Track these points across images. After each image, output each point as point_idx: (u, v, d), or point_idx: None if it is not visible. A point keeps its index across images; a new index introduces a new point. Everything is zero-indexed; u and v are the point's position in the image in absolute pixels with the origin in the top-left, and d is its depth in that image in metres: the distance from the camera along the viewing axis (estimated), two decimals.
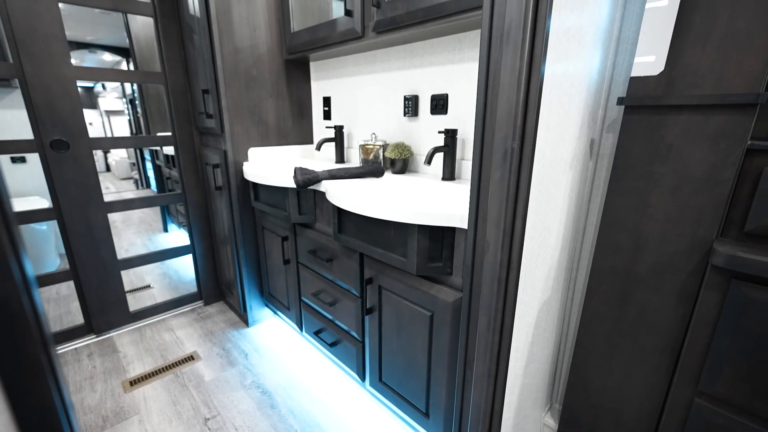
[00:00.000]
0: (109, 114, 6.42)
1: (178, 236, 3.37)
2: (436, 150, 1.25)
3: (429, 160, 1.23)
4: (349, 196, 1.08)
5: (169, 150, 2.88)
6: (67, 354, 1.78)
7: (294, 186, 1.35)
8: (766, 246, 0.76)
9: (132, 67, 3.27)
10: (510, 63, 0.70)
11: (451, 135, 1.29)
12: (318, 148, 1.73)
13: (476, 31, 1.22)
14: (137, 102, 3.62)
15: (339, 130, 1.77)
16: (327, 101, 1.91)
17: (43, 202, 2.67)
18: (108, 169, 6.59)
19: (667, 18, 0.80)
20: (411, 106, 1.48)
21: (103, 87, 6.19)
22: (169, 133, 1.92)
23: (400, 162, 1.49)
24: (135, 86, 3.51)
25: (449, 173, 1.33)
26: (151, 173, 4.02)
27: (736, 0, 0.72)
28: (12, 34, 1.45)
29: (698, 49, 0.77)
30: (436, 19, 1.10)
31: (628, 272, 0.95)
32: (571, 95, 0.86)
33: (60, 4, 1.52)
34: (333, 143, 1.94)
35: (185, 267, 2.69)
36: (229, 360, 1.73)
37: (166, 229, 3.57)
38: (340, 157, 1.81)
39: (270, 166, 1.71)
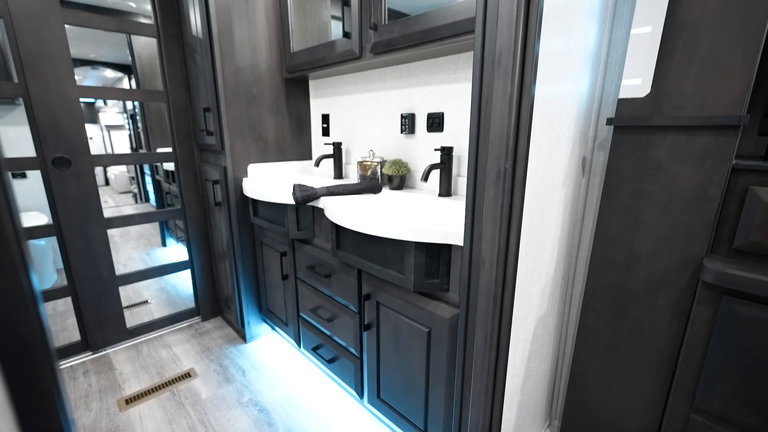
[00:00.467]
0: (109, 129, 6.49)
1: (177, 251, 3.37)
2: (432, 167, 1.27)
3: (426, 177, 1.26)
4: (347, 213, 1.10)
5: (169, 165, 2.91)
6: (63, 372, 1.76)
7: (293, 202, 1.36)
8: (754, 262, 0.78)
9: (134, 84, 3.33)
10: (501, 87, 0.73)
11: (447, 152, 1.32)
12: (317, 164, 1.75)
13: (471, 52, 1.26)
14: (138, 117, 3.67)
15: (337, 146, 1.80)
16: (326, 118, 1.95)
17: (42, 218, 2.68)
18: (107, 182, 6.61)
19: (652, 43, 0.84)
20: (408, 123, 1.51)
21: (104, 102, 6.27)
22: (170, 149, 1.95)
23: (398, 178, 1.51)
24: (136, 102, 3.56)
25: (445, 189, 1.36)
26: (150, 187, 4.04)
27: (716, 26, 0.76)
28: (18, 55, 1.48)
29: (682, 73, 0.80)
30: (431, 42, 1.14)
31: (622, 288, 0.96)
32: (561, 116, 0.88)
33: (66, 26, 1.56)
34: (332, 159, 1.97)
35: (183, 282, 2.68)
36: (227, 377, 1.72)
37: (164, 244, 3.57)
38: (339, 173, 1.83)
39: (269, 182, 1.73)
